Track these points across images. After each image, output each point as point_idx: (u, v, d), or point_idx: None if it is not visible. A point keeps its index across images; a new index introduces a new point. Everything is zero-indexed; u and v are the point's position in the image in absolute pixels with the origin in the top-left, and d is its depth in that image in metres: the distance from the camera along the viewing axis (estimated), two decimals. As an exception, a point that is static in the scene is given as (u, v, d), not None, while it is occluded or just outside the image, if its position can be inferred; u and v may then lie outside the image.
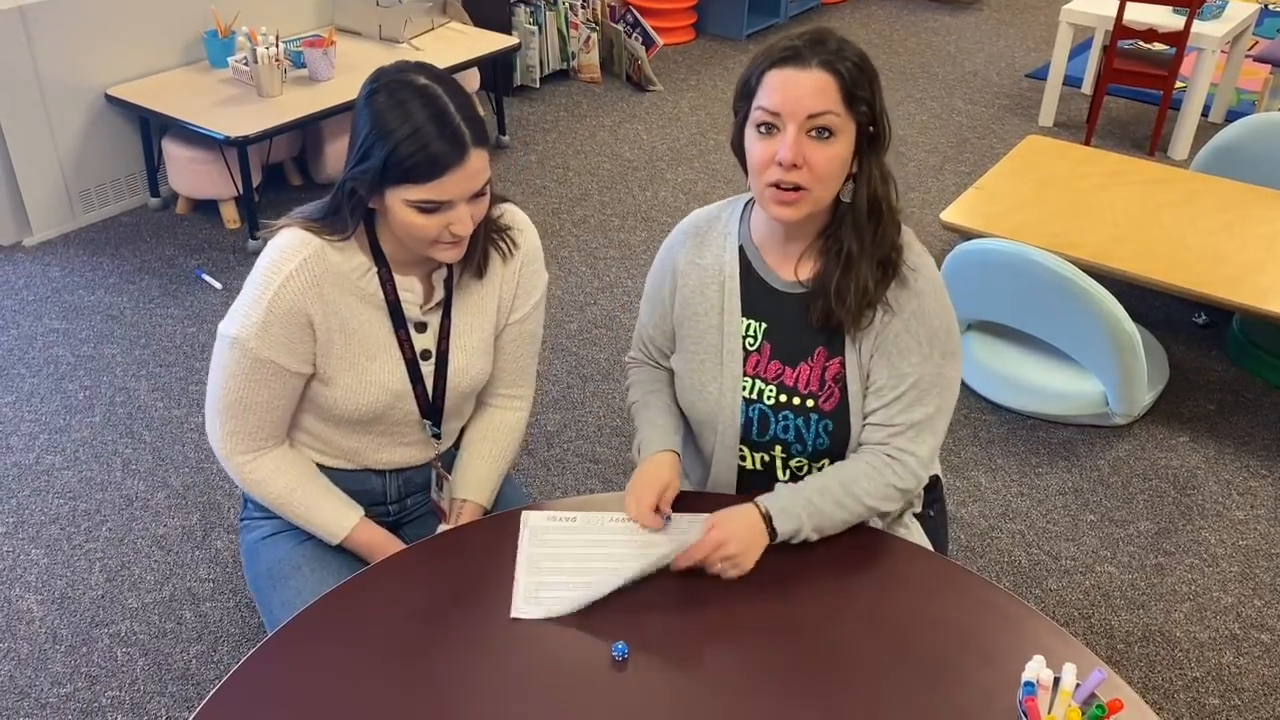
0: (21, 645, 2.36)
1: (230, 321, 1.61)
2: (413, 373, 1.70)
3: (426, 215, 1.51)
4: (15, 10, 3.56)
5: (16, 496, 2.77)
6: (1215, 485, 2.94)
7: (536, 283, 1.79)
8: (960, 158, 4.75)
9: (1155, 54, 4.87)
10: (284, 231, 1.62)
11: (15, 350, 3.32)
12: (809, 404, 1.65)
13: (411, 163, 1.47)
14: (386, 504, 1.86)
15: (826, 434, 1.66)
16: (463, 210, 1.53)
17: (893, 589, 1.54)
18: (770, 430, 1.68)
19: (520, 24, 5.08)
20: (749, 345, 1.68)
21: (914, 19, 6.43)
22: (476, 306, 1.73)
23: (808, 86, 1.51)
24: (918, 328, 1.61)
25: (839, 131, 1.53)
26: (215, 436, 1.69)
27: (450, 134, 1.48)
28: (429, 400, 1.74)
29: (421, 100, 1.48)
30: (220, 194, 3.95)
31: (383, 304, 1.65)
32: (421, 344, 1.70)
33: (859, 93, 1.54)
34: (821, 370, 1.65)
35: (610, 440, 3.04)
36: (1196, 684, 2.37)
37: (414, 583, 1.54)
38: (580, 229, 4.10)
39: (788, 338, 1.66)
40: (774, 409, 1.67)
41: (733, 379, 1.68)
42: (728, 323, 1.68)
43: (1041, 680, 1.33)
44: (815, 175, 1.52)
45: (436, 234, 1.53)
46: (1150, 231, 3.18)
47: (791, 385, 1.66)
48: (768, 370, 1.67)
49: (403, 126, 1.46)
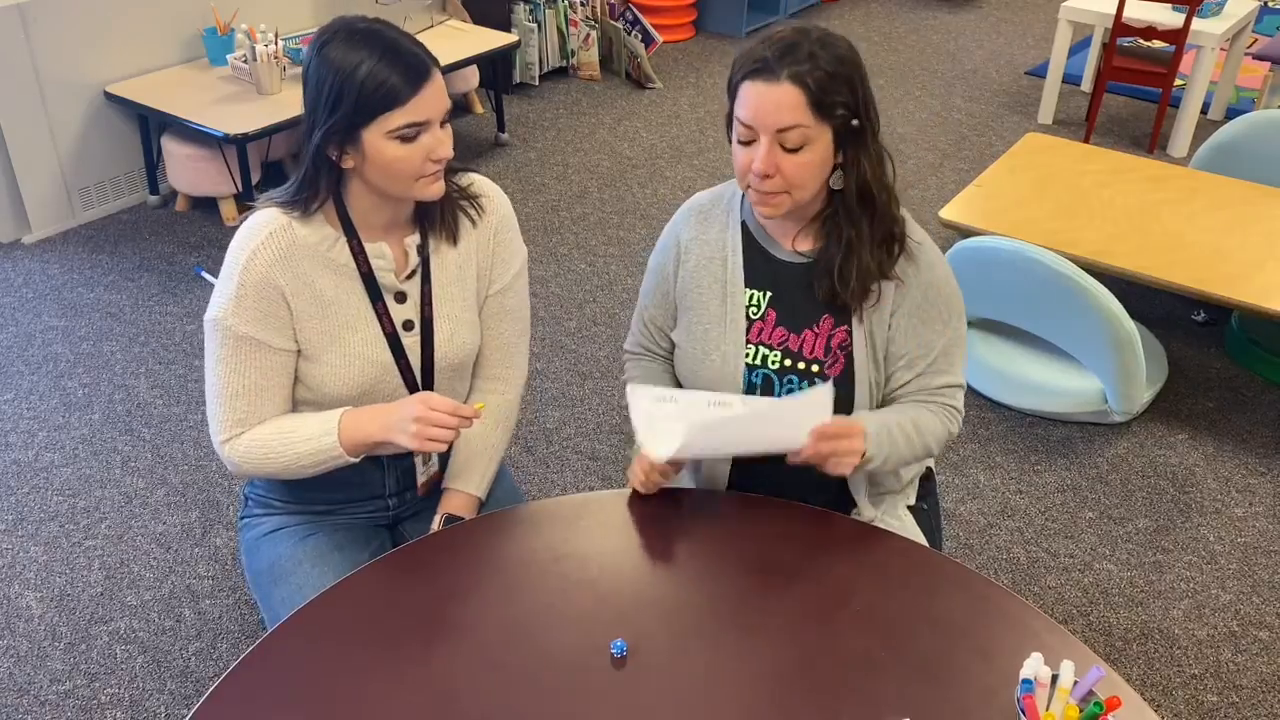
0: (20, 643, 2.37)
1: (210, 307, 1.65)
2: (394, 345, 1.71)
3: (408, 145, 1.55)
4: (14, 7, 3.56)
5: (15, 494, 2.77)
6: (1214, 483, 2.94)
7: (513, 251, 1.81)
8: (959, 155, 4.74)
9: (1155, 51, 4.87)
10: (253, 213, 1.67)
11: (14, 348, 3.32)
12: (814, 369, 1.69)
13: (386, 88, 1.52)
14: (385, 497, 1.85)
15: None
16: (438, 133, 1.58)
17: (891, 586, 1.55)
18: (775, 393, 1.71)
19: (520, 21, 5.08)
20: (753, 314, 1.72)
21: (913, 16, 6.43)
22: (456, 274, 1.75)
23: (775, 102, 1.55)
24: (935, 297, 1.69)
25: (811, 140, 1.57)
26: (212, 430, 1.69)
27: (409, 59, 1.54)
28: (415, 375, 1.75)
29: (371, 37, 1.55)
30: (219, 191, 3.95)
31: (355, 273, 1.67)
32: (403, 314, 1.72)
33: (830, 99, 1.55)
34: (828, 338, 1.69)
35: (609, 438, 3.04)
36: (1195, 681, 2.37)
37: (413, 580, 1.54)
38: (579, 226, 4.10)
39: (792, 305, 1.71)
40: (779, 373, 1.71)
41: (735, 345, 1.71)
42: (731, 294, 1.72)
43: (1039, 677, 1.33)
44: (789, 181, 1.59)
45: (420, 165, 1.57)
46: (1149, 229, 3.18)
47: (797, 350, 1.70)
48: (772, 336, 1.71)
49: (365, 61, 1.52)
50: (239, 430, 1.67)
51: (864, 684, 1.39)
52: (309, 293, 1.65)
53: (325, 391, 1.70)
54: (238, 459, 1.68)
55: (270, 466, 1.68)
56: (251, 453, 1.67)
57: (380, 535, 1.86)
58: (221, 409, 1.66)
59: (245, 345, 1.63)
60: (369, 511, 1.85)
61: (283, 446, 1.66)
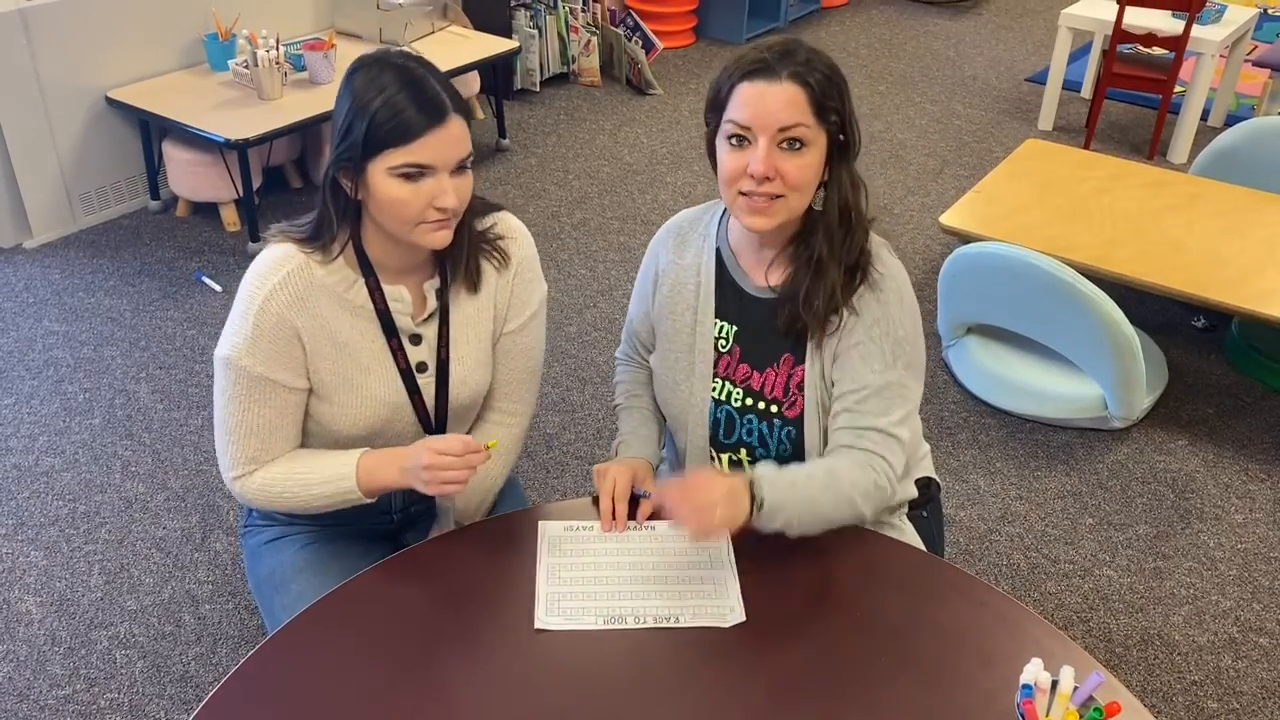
0: (20, 647, 2.36)
1: (221, 344, 1.60)
2: (409, 383, 1.68)
3: (409, 185, 1.50)
4: (16, 13, 3.57)
5: (16, 498, 2.77)
6: (1214, 489, 2.94)
7: (532, 293, 1.76)
8: (960, 161, 4.75)
9: (1154, 58, 4.87)
10: (270, 246, 1.61)
11: (15, 353, 3.32)
12: (773, 409, 1.66)
13: (390, 125, 1.47)
14: (391, 513, 1.85)
15: (790, 441, 1.67)
16: (445, 182, 1.52)
17: (891, 592, 1.55)
18: (735, 433, 1.70)
19: (520, 27, 5.09)
20: (721, 347, 1.69)
21: (914, 23, 6.44)
22: (473, 318, 1.71)
23: (778, 100, 1.51)
24: (880, 336, 1.60)
25: (810, 142, 1.54)
26: (222, 465, 1.66)
27: (427, 97, 1.49)
28: (429, 415, 1.72)
29: (398, 72, 1.51)
30: (220, 197, 3.96)
31: (373, 315, 1.63)
32: (417, 356, 1.68)
33: (829, 103, 1.54)
34: (788, 377, 1.65)
35: (609, 443, 3.02)
36: (1195, 687, 2.37)
37: (414, 587, 1.54)
38: (580, 232, 4.10)
39: (757, 342, 1.67)
40: (740, 411, 1.68)
41: (703, 379, 1.69)
42: (700, 323, 1.70)
43: (1039, 683, 1.33)
44: (789, 184, 1.53)
45: (420, 211, 1.51)
46: (1149, 235, 3.19)
47: (758, 389, 1.67)
48: (737, 373, 1.68)
49: (380, 95, 1.48)
50: (251, 468, 1.64)
51: (865, 689, 1.39)
52: (325, 334, 1.61)
53: (335, 430, 1.67)
54: (250, 495, 1.65)
55: (284, 504, 1.66)
56: (265, 491, 1.64)
57: (382, 544, 1.85)
58: (233, 446, 1.63)
59: (259, 385, 1.59)
60: (371, 524, 1.85)
61: (299, 488, 1.63)
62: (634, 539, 1.62)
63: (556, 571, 1.56)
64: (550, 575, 1.55)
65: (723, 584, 1.53)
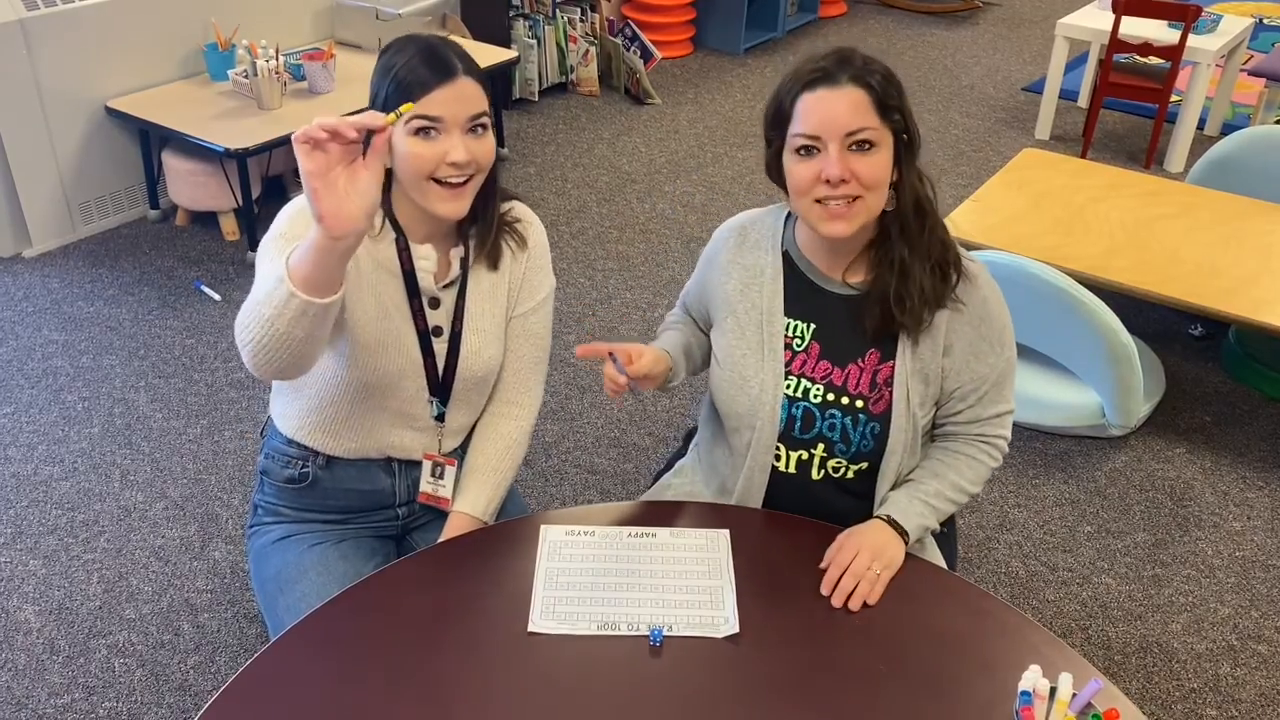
0: (19, 656, 2.36)
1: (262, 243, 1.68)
2: (424, 344, 1.73)
3: (423, 141, 1.56)
4: (16, 23, 3.58)
5: (15, 507, 2.77)
6: (1212, 497, 2.94)
7: (543, 279, 1.84)
8: (957, 170, 4.76)
9: (1151, 68, 4.89)
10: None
11: (14, 361, 3.32)
12: (858, 404, 1.68)
13: (411, 79, 1.56)
14: (395, 506, 1.86)
15: (873, 436, 1.68)
16: (457, 139, 1.57)
17: (890, 599, 1.55)
18: (815, 427, 1.70)
19: (519, 37, 5.10)
20: (797, 346, 1.71)
21: (911, 33, 6.46)
22: (489, 293, 1.78)
23: (843, 104, 1.54)
24: (987, 330, 1.68)
25: (878, 143, 1.56)
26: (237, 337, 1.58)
27: (440, 58, 1.58)
28: (438, 378, 1.76)
29: (420, 42, 1.62)
30: (220, 206, 3.96)
31: (398, 271, 1.69)
32: (434, 320, 1.73)
33: (890, 102, 1.56)
34: (873, 373, 1.67)
35: (608, 451, 3.04)
36: (1194, 695, 2.37)
37: (417, 591, 1.54)
38: (578, 241, 4.11)
39: (837, 339, 1.69)
40: (821, 407, 1.69)
41: (774, 376, 1.70)
42: (769, 322, 1.71)
43: (1038, 690, 1.33)
44: (864, 183, 1.55)
45: (433, 165, 1.56)
46: (1146, 244, 3.19)
47: (840, 385, 1.68)
48: (816, 370, 1.69)
49: (402, 60, 1.58)
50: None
51: (864, 697, 1.39)
52: (356, 269, 1.66)
53: (360, 363, 1.67)
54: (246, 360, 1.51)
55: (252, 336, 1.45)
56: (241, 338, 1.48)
57: (387, 546, 1.87)
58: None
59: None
60: (377, 522, 1.86)
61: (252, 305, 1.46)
62: (634, 545, 1.62)
63: (554, 576, 1.56)
64: (548, 579, 1.56)
65: (719, 594, 1.53)
